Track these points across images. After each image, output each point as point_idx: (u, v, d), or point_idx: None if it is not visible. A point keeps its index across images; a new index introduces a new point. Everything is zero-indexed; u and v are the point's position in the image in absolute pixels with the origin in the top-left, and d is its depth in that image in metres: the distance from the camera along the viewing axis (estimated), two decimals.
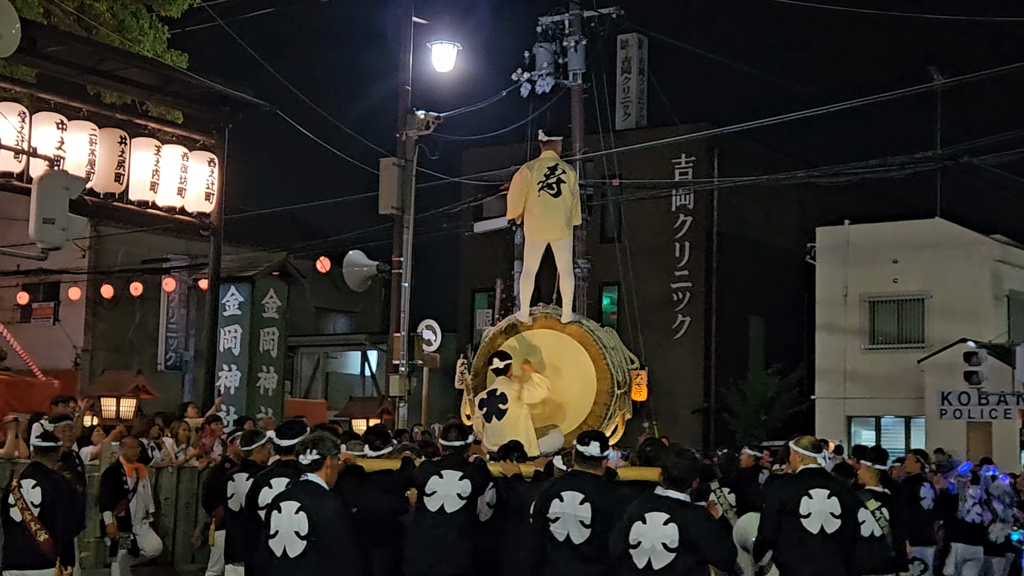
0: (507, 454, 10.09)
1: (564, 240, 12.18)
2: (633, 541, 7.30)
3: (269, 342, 21.21)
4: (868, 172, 23.34)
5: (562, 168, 12.27)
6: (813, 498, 8.97)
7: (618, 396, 11.79)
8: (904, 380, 29.96)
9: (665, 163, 33.29)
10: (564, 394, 11.82)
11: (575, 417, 11.75)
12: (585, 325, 12.26)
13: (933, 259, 30.65)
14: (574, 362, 11.97)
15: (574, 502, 8.41)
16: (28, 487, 9.79)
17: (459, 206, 27.74)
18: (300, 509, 7.30)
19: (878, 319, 32.01)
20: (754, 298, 35.19)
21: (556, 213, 12.08)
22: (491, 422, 11.26)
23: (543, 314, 12.36)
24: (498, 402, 11.27)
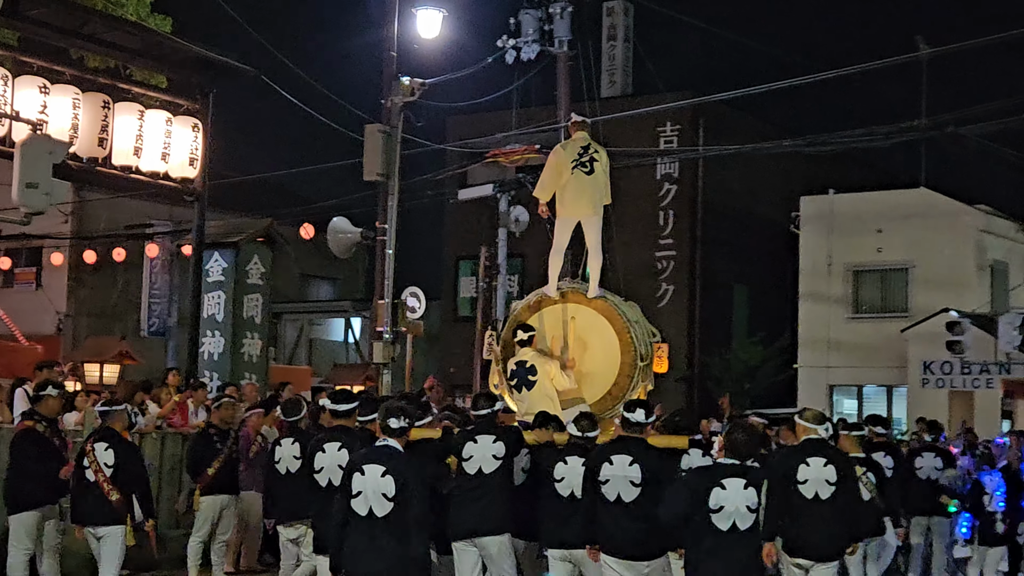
0: (545, 423, 10.68)
1: (594, 218, 12.65)
2: (715, 506, 8.02)
3: (253, 308, 21.20)
4: (853, 141, 23.36)
5: (595, 148, 12.66)
6: (810, 465, 9.45)
7: (641, 368, 12.28)
8: (887, 349, 30.09)
9: (650, 131, 33.28)
10: (590, 365, 12.37)
11: (600, 387, 12.31)
12: (610, 300, 12.73)
13: (917, 229, 30.74)
14: (600, 335, 12.50)
15: (624, 464, 9.15)
16: (101, 449, 10.54)
17: (444, 173, 27.71)
18: (386, 472, 7.87)
19: (862, 288, 32.13)
20: (738, 267, 35.25)
21: (588, 191, 12.55)
22: (520, 392, 11.94)
23: (570, 289, 12.92)
24: (528, 373, 11.92)
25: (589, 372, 12.40)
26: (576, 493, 9.69)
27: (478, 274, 25.31)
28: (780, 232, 34.29)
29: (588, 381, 12.38)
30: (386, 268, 21.12)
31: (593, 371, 12.43)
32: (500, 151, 23.38)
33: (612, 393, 12.28)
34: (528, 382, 11.95)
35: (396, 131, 21.01)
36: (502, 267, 23.92)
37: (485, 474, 10.07)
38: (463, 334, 31.56)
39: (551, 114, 24.18)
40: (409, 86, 21.05)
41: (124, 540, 10.53)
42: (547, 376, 11.93)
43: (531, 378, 11.94)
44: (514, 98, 24.44)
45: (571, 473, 9.80)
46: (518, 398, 11.87)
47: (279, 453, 11.21)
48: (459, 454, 10.21)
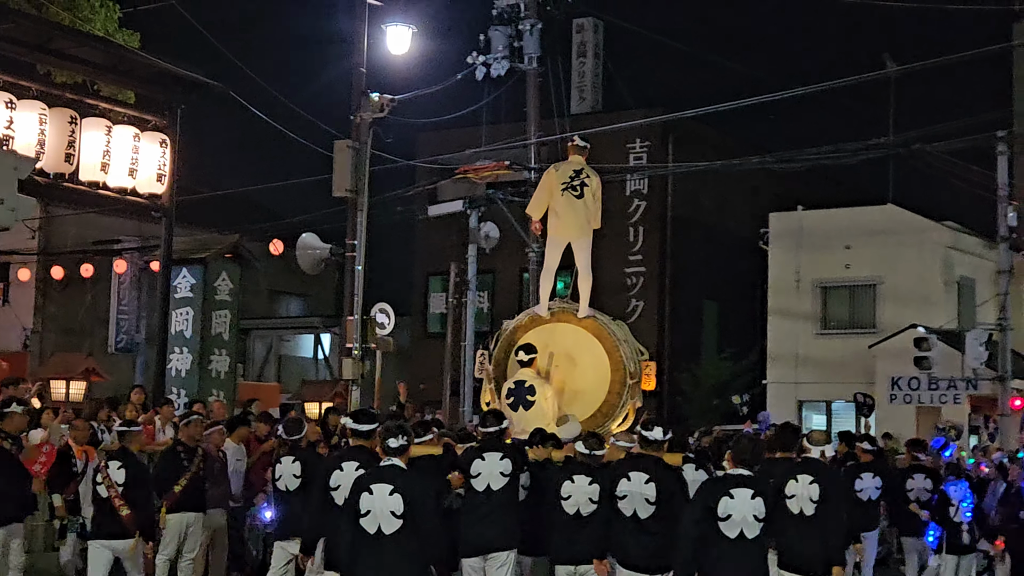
0: (543, 442, 11.06)
1: (584, 240, 13.09)
2: (723, 515, 8.30)
3: (221, 325, 21.12)
4: (821, 158, 23.50)
5: (587, 173, 13.12)
6: (798, 482, 9.64)
7: (630, 386, 12.70)
8: (855, 365, 30.17)
9: (620, 148, 33.35)
10: (580, 383, 12.77)
11: (590, 405, 12.69)
12: (600, 319, 13.12)
13: (885, 245, 30.87)
14: (589, 354, 12.92)
15: (640, 481, 9.50)
16: (114, 468, 11.20)
17: (413, 189, 27.69)
18: (394, 491, 8.05)
19: (830, 304, 32.24)
20: (708, 283, 35.34)
21: (578, 214, 12.98)
22: (517, 411, 12.25)
23: (560, 308, 13.27)
24: (526, 393, 12.30)
25: (580, 390, 12.74)
26: (582, 511, 10.01)
27: (448, 290, 25.30)
28: (749, 248, 34.40)
29: (579, 399, 12.70)
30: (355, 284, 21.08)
31: (584, 389, 12.76)
32: (470, 167, 23.41)
33: (602, 410, 12.63)
34: (526, 402, 12.30)
35: (365, 147, 21.00)
36: (472, 283, 23.92)
37: (494, 491, 10.33)
38: (433, 350, 31.48)
39: (521, 130, 24.22)
40: (378, 102, 21.04)
41: (141, 549, 11.31)
42: (545, 398, 12.27)
43: (529, 398, 12.30)
44: (483, 114, 24.47)
45: (578, 491, 10.06)
46: (514, 417, 12.08)
47: (279, 471, 11.52)
48: (466, 471, 10.46)
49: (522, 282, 33.11)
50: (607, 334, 12.95)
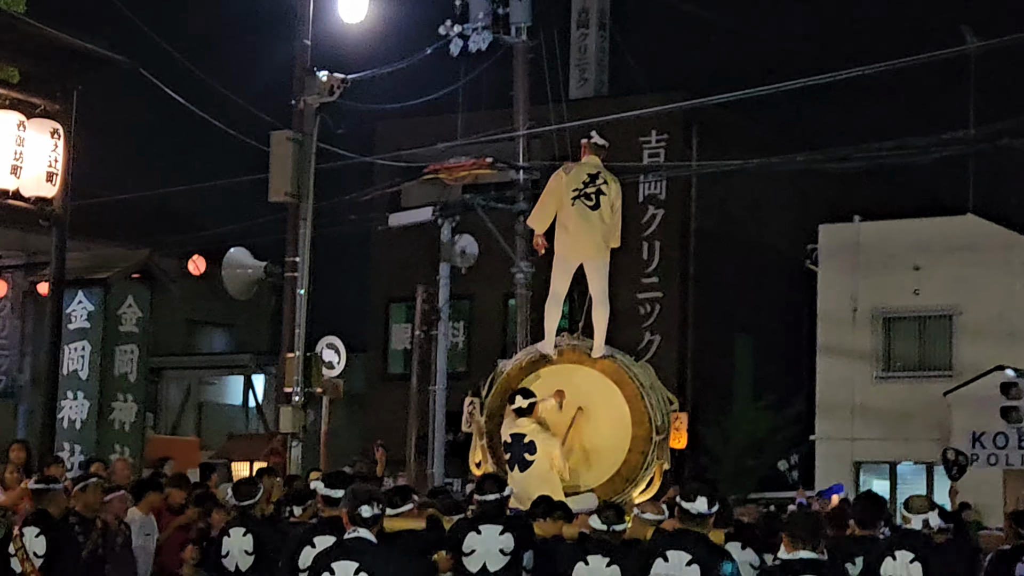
0: (550, 512, 11.11)
1: (600, 260, 13.32)
2: None
3: (126, 363, 21.04)
4: (884, 156, 23.53)
5: (604, 178, 13.32)
6: (896, 560, 9.62)
7: (656, 443, 12.76)
8: (926, 417, 30.18)
9: (631, 142, 33.38)
10: (594, 440, 12.81)
11: (607, 467, 12.79)
12: (619, 360, 13.23)
13: (964, 265, 30.90)
14: (606, 403, 12.99)
15: (680, 563, 9.25)
16: (31, 535, 11.21)
17: (371, 193, 27.68)
18: (360, 569, 8.15)
19: (895, 340, 32.27)
20: (741, 312, 35.35)
21: (592, 229, 13.20)
22: (514, 471, 12.39)
23: (570, 346, 13.38)
24: (525, 450, 12.42)
25: (595, 448, 12.79)
26: None
27: (414, 320, 25.24)
28: (793, 269, 34.43)
29: (593, 459, 12.78)
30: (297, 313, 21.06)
31: (599, 447, 12.82)
32: (442, 165, 23.42)
33: (621, 473, 12.70)
34: (524, 461, 12.39)
35: (310, 139, 21.01)
36: (444, 311, 23.90)
37: (490, 572, 10.42)
38: (394, 396, 31.39)
39: (506, 119, 24.23)
40: (327, 83, 21.07)
41: None
42: (548, 456, 12.32)
43: (528, 456, 12.37)
44: (460, 99, 24.48)
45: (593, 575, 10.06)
46: (511, 479, 12.04)
47: (227, 545, 11.58)
48: (458, 547, 10.54)
49: (507, 310, 33.09)
50: (628, 378, 13.04)
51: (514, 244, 23.82)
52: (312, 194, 21.03)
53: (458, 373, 32.65)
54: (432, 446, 23.55)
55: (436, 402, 23.71)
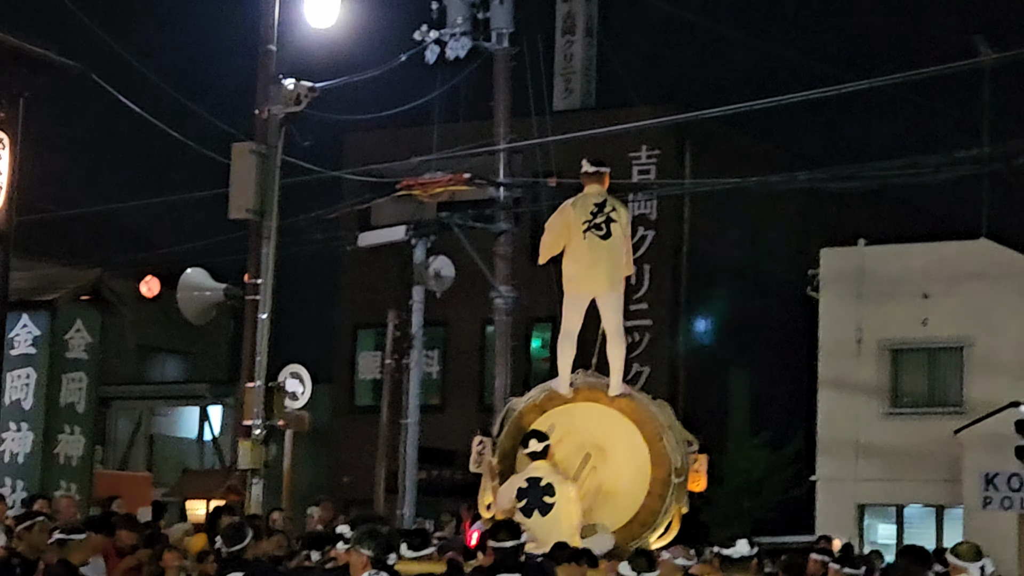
0: (575, 559, 11.39)
1: (613, 294, 13.69)
2: None
3: (74, 392, 20.98)
4: (891, 175, 23.61)
5: (612, 205, 13.72)
6: None
7: (675, 485, 13.23)
8: (936, 456, 30.23)
9: (619, 157, 33.42)
10: (611, 483, 13.28)
11: (625, 510, 13.22)
12: (637, 398, 13.68)
13: (976, 294, 31.00)
14: (625, 444, 13.43)
15: None
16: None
17: (339, 210, 27.67)
18: None
19: (902, 373, 32.33)
20: (736, 342, 35.41)
21: (605, 261, 13.58)
22: (531, 517, 12.71)
23: (585, 384, 13.77)
24: (543, 493, 12.76)
25: (611, 491, 13.24)
26: None
27: (384, 348, 25.27)
28: (793, 296, 34.51)
29: (610, 502, 13.20)
30: (258, 339, 21.01)
31: (616, 490, 13.27)
32: (416, 181, 23.42)
33: (639, 517, 13.12)
34: (543, 505, 12.74)
35: (275, 152, 20.99)
36: (417, 339, 23.91)
37: None
38: (363, 429, 31.37)
39: (485, 132, 24.27)
40: (293, 92, 21.05)
41: None
42: (567, 500, 12.71)
43: (547, 500, 12.74)
44: (436, 110, 24.52)
45: None
46: (526, 525, 12.35)
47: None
48: None
49: (484, 337, 33.15)
50: (647, 418, 13.44)
51: (493, 267, 23.83)
52: (276, 211, 21.00)
53: (432, 406, 32.67)
54: (403, 484, 23.52)
55: (408, 437, 23.70)
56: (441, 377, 35.46)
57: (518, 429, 13.61)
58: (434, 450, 30.61)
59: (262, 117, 21.15)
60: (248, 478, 21.03)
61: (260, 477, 20.98)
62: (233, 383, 26.01)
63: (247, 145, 20.99)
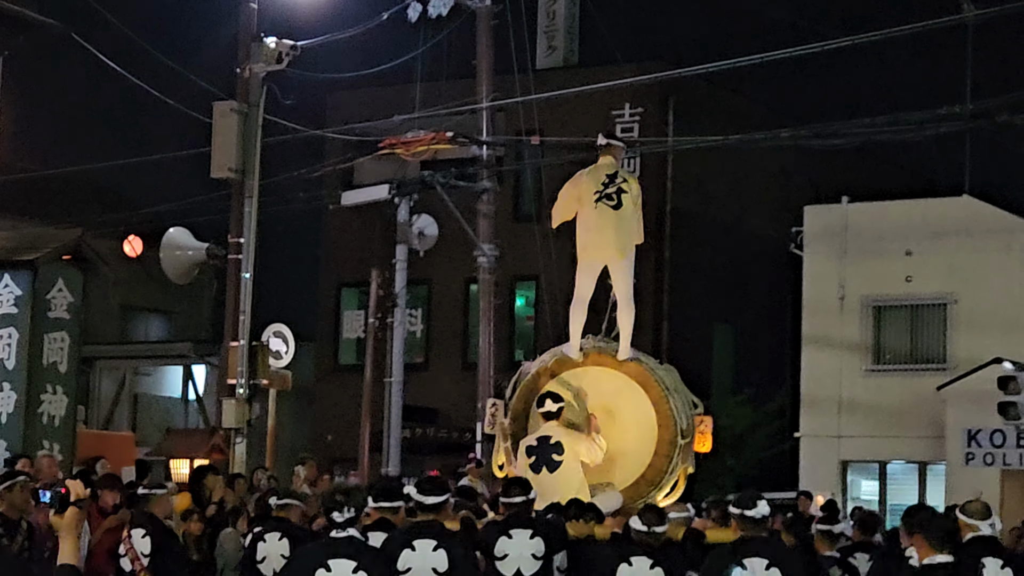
0: (583, 514, 11.89)
1: (623, 262, 14.25)
2: None
3: (56, 352, 20.95)
4: (875, 133, 23.60)
5: (623, 176, 14.31)
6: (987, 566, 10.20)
7: (681, 446, 13.72)
8: (919, 413, 30.29)
9: (602, 115, 33.40)
10: (619, 443, 13.66)
11: (632, 470, 13.71)
12: (644, 363, 14.22)
13: (959, 251, 31.02)
14: (632, 406, 13.94)
15: (760, 568, 10.05)
16: (138, 536, 12.59)
17: (322, 169, 27.62)
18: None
19: (885, 330, 32.36)
20: (720, 300, 35.44)
21: (615, 229, 14.13)
22: (540, 473, 13.12)
23: (595, 349, 14.28)
24: (552, 451, 13.17)
25: (619, 451, 13.60)
26: None
27: (368, 307, 25.26)
28: (776, 253, 34.51)
29: (618, 463, 13.60)
30: (241, 298, 21.01)
31: (624, 450, 13.68)
32: (399, 139, 23.40)
33: (646, 477, 13.60)
34: (552, 462, 13.12)
35: (256, 111, 20.95)
36: (401, 297, 23.91)
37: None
38: (346, 388, 31.38)
39: (468, 90, 24.21)
40: (275, 50, 21.01)
41: None
42: (576, 458, 13.09)
43: (556, 457, 13.11)
44: (418, 68, 24.45)
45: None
46: (537, 482, 12.66)
47: (263, 551, 12.44)
48: (490, 552, 11.20)
49: (468, 296, 33.14)
50: (654, 382, 13.89)
51: (476, 225, 23.81)
52: (258, 170, 20.97)
53: (415, 364, 32.67)
54: (387, 442, 23.55)
55: (392, 395, 23.72)
56: (424, 335, 35.46)
57: (530, 392, 14.00)
58: (418, 408, 30.65)
59: (244, 76, 21.11)
60: (232, 437, 21.07)
61: (243, 436, 21.01)
62: (217, 343, 25.98)
63: (229, 104, 20.95)
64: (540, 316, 31.49)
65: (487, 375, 24.16)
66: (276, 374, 22.03)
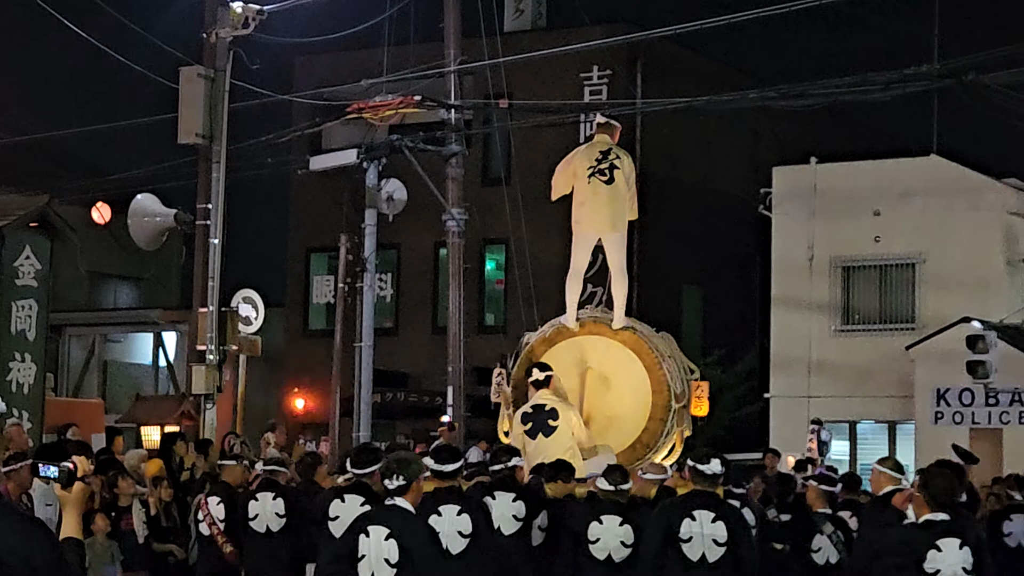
0: (556, 475, 12.55)
1: (616, 235, 15.18)
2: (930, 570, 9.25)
3: (24, 320, 20.90)
4: (842, 93, 23.59)
5: (616, 153, 15.09)
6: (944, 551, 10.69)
7: (676, 410, 14.48)
8: (888, 373, 30.39)
9: (571, 78, 33.36)
10: (615, 408, 14.55)
11: (628, 434, 14.45)
12: (639, 331, 15.03)
13: (927, 210, 31.09)
14: (626, 373, 14.71)
15: (707, 521, 10.74)
16: (213, 503, 13.95)
17: (289, 134, 27.55)
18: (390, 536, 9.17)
19: (854, 290, 32.43)
20: (689, 261, 35.47)
21: (608, 204, 14.96)
22: (536, 439, 13.86)
23: (591, 318, 15.19)
24: (547, 417, 13.91)
25: (615, 416, 14.47)
26: (613, 556, 11.54)
27: (337, 272, 25.19)
28: (745, 214, 34.55)
29: (614, 426, 14.43)
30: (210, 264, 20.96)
31: (620, 415, 14.50)
32: (367, 104, 23.32)
33: (642, 440, 14.34)
34: (547, 428, 13.83)
35: (223, 76, 20.86)
36: (370, 262, 23.85)
37: (505, 536, 11.76)
38: (316, 353, 31.35)
39: (436, 54, 24.14)
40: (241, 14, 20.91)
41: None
42: (569, 424, 13.79)
43: (551, 423, 13.85)
44: (386, 32, 24.37)
45: (607, 534, 11.56)
46: (532, 446, 13.62)
47: (255, 509, 13.40)
48: None
49: (438, 260, 33.10)
50: (648, 349, 14.61)
51: (445, 189, 23.77)
52: (225, 136, 20.90)
53: (386, 328, 32.67)
54: (358, 407, 23.52)
55: (362, 360, 23.68)
56: (394, 300, 35.44)
57: (529, 361, 14.65)
58: (388, 372, 30.64)
59: (210, 41, 21.02)
60: (202, 403, 21.03)
61: (213, 402, 20.98)
62: (186, 309, 25.91)
63: (195, 69, 20.87)
64: (510, 279, 31.47)
65: (457, 339, 24.17)
66: (245, 340, 22.01)
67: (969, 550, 9.33)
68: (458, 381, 23.92)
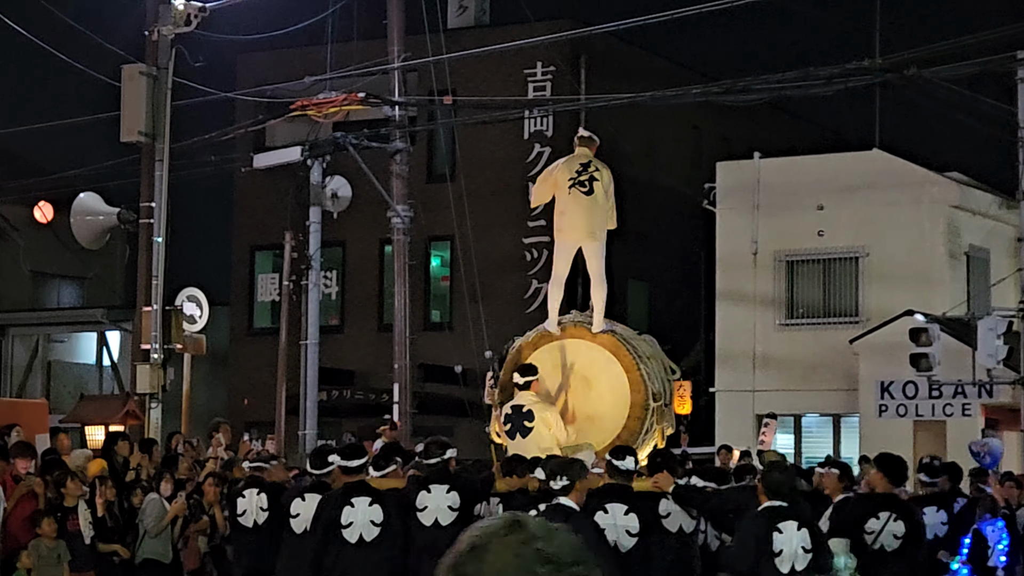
0: (512, 470, 13.20)
1: (595, 244, 15.71)
2: (776, 550, 10.74)
3: None
4: (785, 87, 23.66)
5: (596, 166, 15.96)
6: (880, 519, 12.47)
7: (655, 409, 14.95)
8: (832, 366, 30.51)
9: (515, 74, 33.36)
10: (595, 408, 15.09)
11: (608, 432, 14.92)
12: (618, 334, 15.56)
13: (870, 205, 31.22)
14: (605, 373, 15.31)
15: (619, 513, 11.67)
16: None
17: (233, 132, 27.44)
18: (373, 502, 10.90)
19: (798, 284, 32.54)
20: (633, 257, 35.50)
21: (587, 214, 15.68)
22: (515, 439, 14.45)
23: (572, 323, 15.75)
24: (524, 419, 14.43)
25: (595, 415, 15.01)
26: None
27: (282, 270, 25.17)
28: (689, 210, 34.62)
29: (595, 425, 14.94)
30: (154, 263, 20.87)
31: (600, 413, 15.03)
32: (310, 101, 23.28)
33: (622, 437, 14.71)
34: (524, 428, 14.37)
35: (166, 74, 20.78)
36: (315, 259, 23.82)
37: (443, 526, 12.50)
38: (261, 352, 31.27)
39: (379, 51, 24.11)
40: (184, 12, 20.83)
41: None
42: (545, 424, 14.31)
43: (527, 424, 14.39)
44: (329, 29, 24.31)
45: None
46: (512, 446, 14.25)
47: (242, 505, 14.17)
48: (413, 504, 12.71)
49: (383, 257, 33.06)
50: (625, 351, 15.08)
51: (390, 186, 23.74)
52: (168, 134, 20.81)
53: (331, 326, 32.61)
54: (304, 405, 23.48)
55: (308, 357, 23.64)
56: (339, 297, 35.37)
57: (514, 364, 15.16)
58: (334, 370, 30.58)
59: (152, 38, 20.92)
60: (147, 402, 20.95)
61: (158, 401, 20.90)
62: (130, 308, 25.78)
63: (137, 67, 20.77)
64: (455, 276, 31.47)
65: (403, 336, 24.14)
66: (190, 338, 21.93)
67: (807, 531, 10.72)
68: (404, 378, 23.88)
